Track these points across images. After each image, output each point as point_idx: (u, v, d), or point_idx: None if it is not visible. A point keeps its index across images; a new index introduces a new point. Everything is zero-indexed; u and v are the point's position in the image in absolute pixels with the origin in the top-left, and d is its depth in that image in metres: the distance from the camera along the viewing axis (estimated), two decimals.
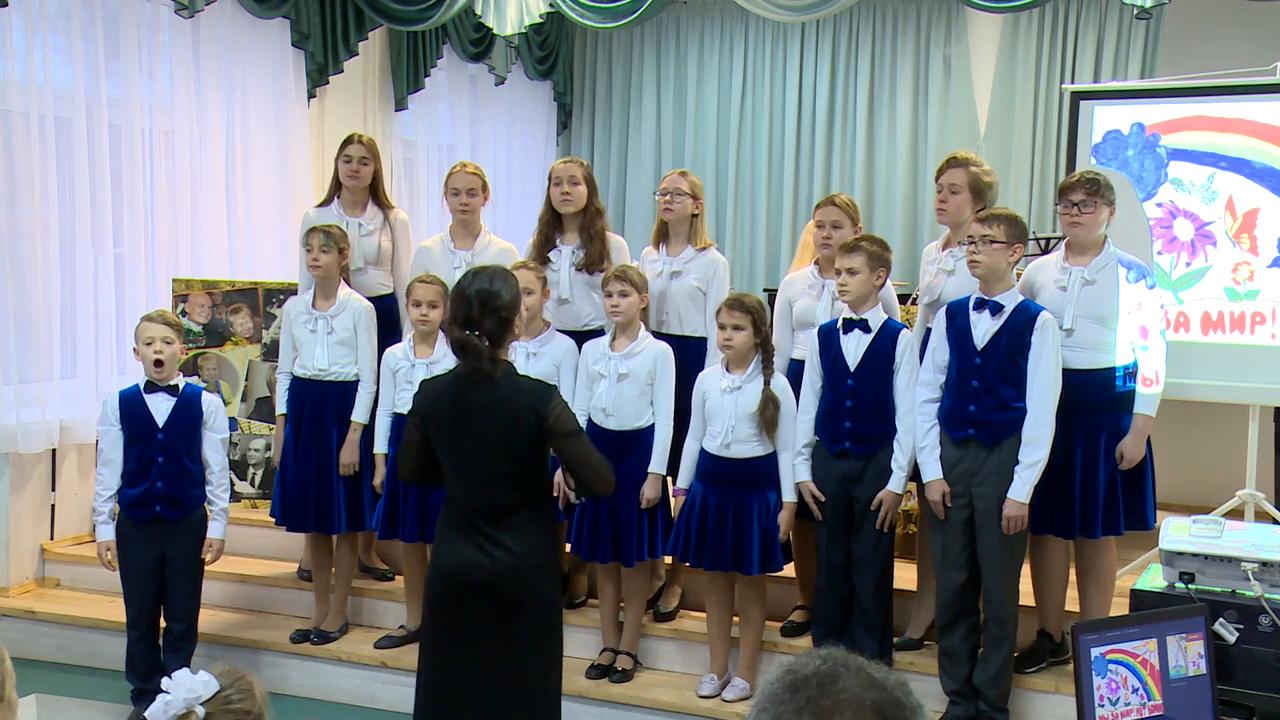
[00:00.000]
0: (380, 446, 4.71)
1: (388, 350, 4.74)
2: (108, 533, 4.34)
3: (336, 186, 5.07)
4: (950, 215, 4.32)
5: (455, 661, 3.40)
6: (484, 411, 3.35)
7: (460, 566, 3.38)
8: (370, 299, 4.92)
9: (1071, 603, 4.35)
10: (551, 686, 3.49)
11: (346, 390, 4.77)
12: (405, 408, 4.52)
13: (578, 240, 4.75)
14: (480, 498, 3.37)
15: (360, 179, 5.02)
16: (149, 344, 4.26)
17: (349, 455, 4.74)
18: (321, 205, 5.12)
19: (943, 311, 4.16)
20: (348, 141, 5.06)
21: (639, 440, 4.36)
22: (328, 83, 6.63)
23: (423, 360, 4.58)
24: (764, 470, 4.26)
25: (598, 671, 4.56)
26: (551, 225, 4.80)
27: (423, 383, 3.61)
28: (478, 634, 3.37)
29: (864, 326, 4.19)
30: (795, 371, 4.40)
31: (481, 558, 3.35)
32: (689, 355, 4.55)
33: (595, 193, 4.81)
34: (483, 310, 3.32)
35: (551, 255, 4.77)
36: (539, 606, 3.42)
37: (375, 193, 5.10)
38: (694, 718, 4.37)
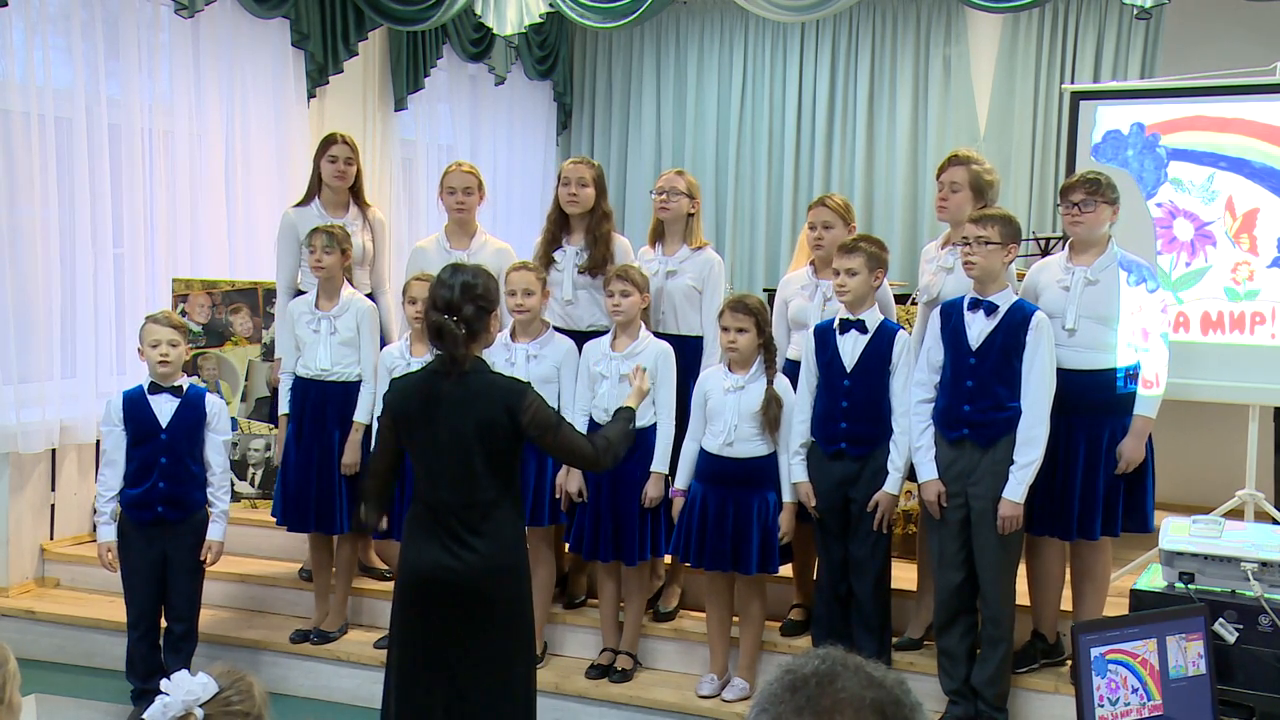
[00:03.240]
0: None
1: (384, 350, 4.74)
2: (109, 534, 4.34)
3: (317, 186, 5.05)
4: (951, 213, 4.32)
5: (424, 662, 3.39)
6: (456, 407, 3.35)
7: (427, 567, 3.38)
8: None
9: (1065, 602, 4.35)
10: (522, 686, 3.48)
11: (348, 390, 4.77)
12: None
13: (582, 242, 4.74)
14: (449, 495, 3.37)
15: (346, 179, 5.01)
16: (155, 346, 4.26)
17: (351, 455, 4.74)
18: (300, 205, 5.09)
19: (937, 311, 4.16)
20: (330, 141, 5.03)
21: (640, 439, 4.36)
22: (328, 83, 6.63)
23: (418, 359, 4.58)
24: (764, 470, 4.26)
25: (598, 671, 4.56)
26: (559, 225, 4.79)
27: (393, 380, 3.63)
28: (446, 635, 3.36)
29: (860, 327, 4.19)
30: (790, 372, 4.39)
31: (449, 558, 3.35)
32: (685, 354, 4.55)
33: (604, 195, 4.79)
34: (463, 296, 3.35)
35: (556, 255, 4.76)
36: (508, 607, 3.41)
37: (355, 192, 5.09)
38: (694, 718, 4.37)
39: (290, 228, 5.03)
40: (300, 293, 4.97)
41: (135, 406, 4.31)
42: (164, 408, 4.30)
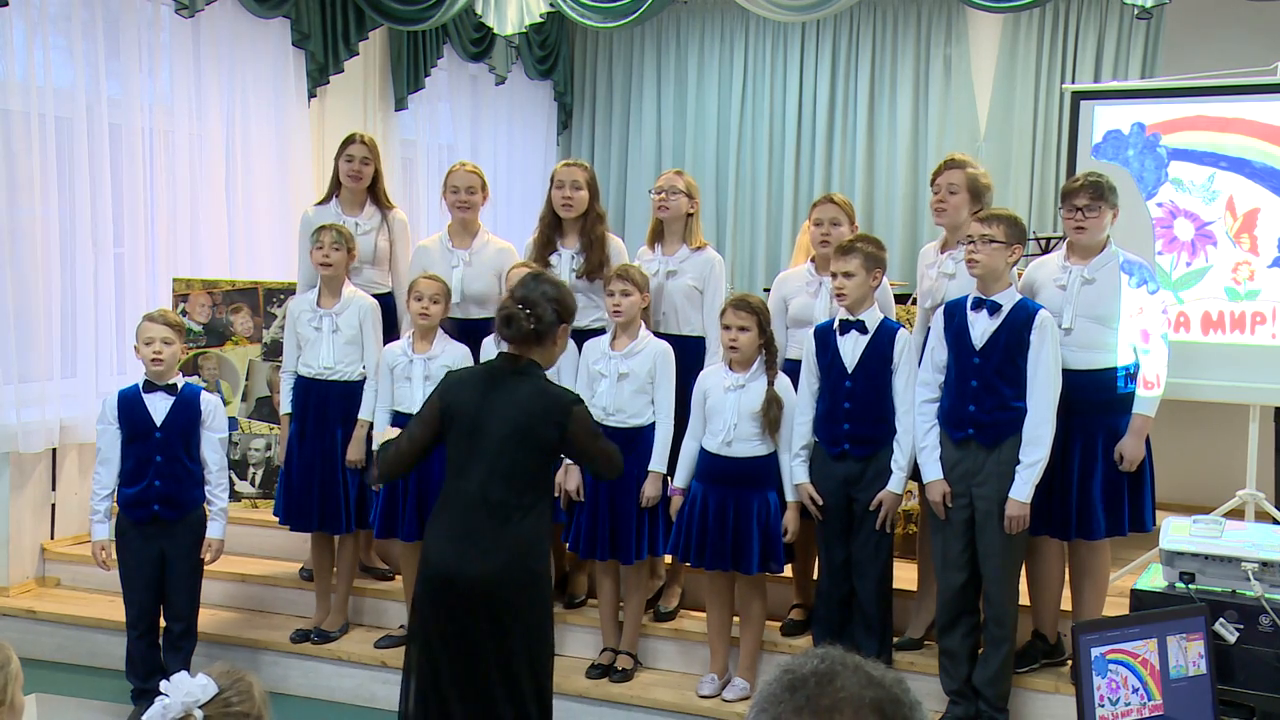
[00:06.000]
0: (378, 444, 4.69)
1: (386, 347, 4.73)
2: (103, 532, 4.34)
3: (336, 185, 5.06)
4: (949, 216, 4.32)
5: (445, 662, 3.39)
6: (504, 406, 3.38)
7: (449, 567, 3.38)
8: None
9: (1065, 602, 4.34)
10: (541, 688, 3.48)
11: (351, 389, 4.76)
12: (403, 404, 4.54)
13: (577, 245, 4.74)
14: (479, 491, 3.38)
15: (362, 179, 5.01)
16: (148, 344, 4.26)
17: (355, 453, 4.73)
18: (320, 204, 5.11)
19: (941, 311, 4.15)
20: (349, 141, 5.05)
21: (639, 439, 4.36)
22: (328, 82, 6.63)
23: (420, 355, 4.59)
24: (765, 469, 4.26)
25: (598, 671, 4.56)
26: (552, 226, 4.80)
27: (449, 372, 3.67)
28: (465, 635, 3.37)
29: (860, 327, 4.18)
30: (789, 372, 4.38)
31: (471, 560, 3.35)
32: (686, 355, 4.54)
33: (597, 197, 4.80)
34: (544, 297, 3.43)
35: (552, 259, 4.76)
36: (526, 613, 3.41)
37: (375, 192, 5.09)
38: (694, 718, 4.37)
39: (309, 226, 5.03)
40: None
41: (130, 405, 4.31)
42: (159, 406, 4.30)
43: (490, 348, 4.33)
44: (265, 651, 4.86)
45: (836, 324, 4.23)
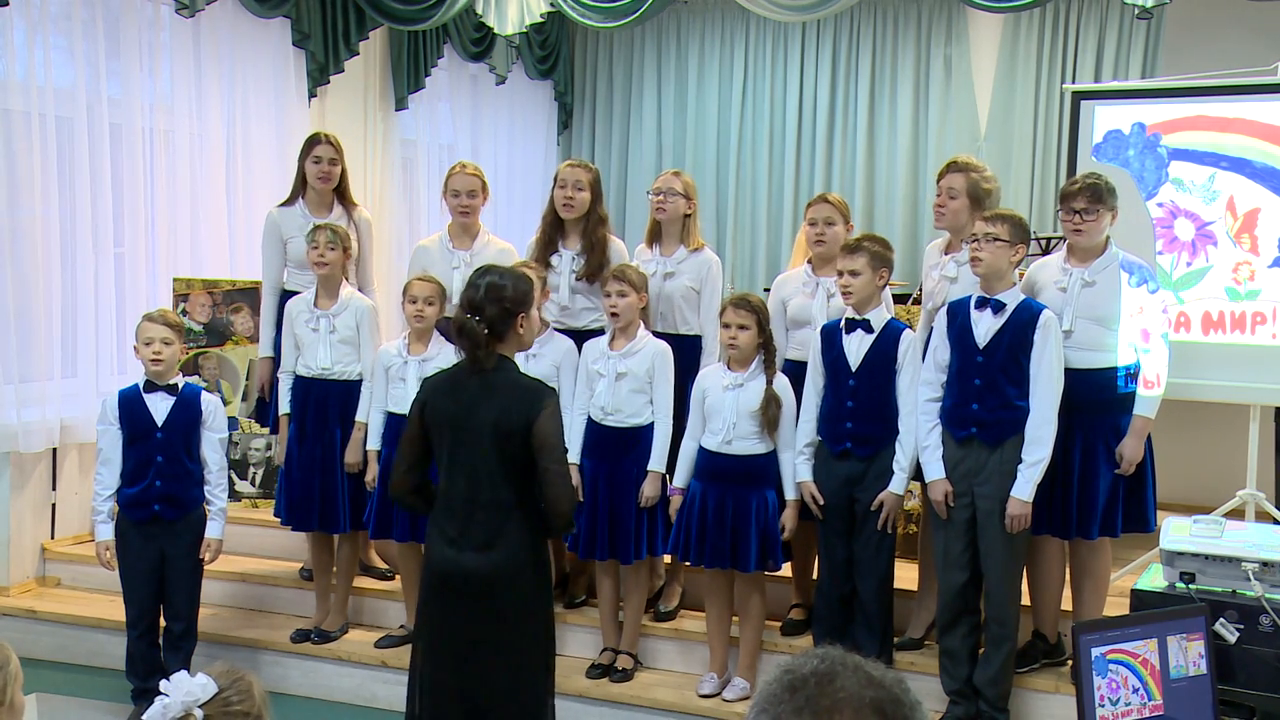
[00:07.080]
0: (373, 444, 4.70)
1: (381, 348, 4.74)
2: (106, 532, 4.34)
3: (301, 186, 5.05)
4: (948, 220, 4.32)
5: (448, 660, 3.40)
6: (476, 404, 3.38)
7: (444, 564, 3.41)
8: None
9: (1066, 602, 4.34)
10: (541, 684, 3.49)
11: (349, 389, 4.76)
12: (398, 405, 4.53)
13: (579, 246, 4.74)
14: (466, 492, 3.39)
15: (330, 180, 5.00)
16: (148, 344, 4.26)
17: (353, 455, 4.73)
18: (285, 204, 5.09)
19: (944, 310, 4.16)
20: (315, 141, 5.03)
21: (638, 438, 4.36)
22: (328, 82, 6.63)
23: (415, 357, 4.59)
24: (763, 468, 4.26)
25: (598, 671, 4.56)
26: (554, 226, 4.79)
27: (425, 379, 3.66)
28: (461, 632, 3.38)
29: (866, 327, 4.19)
30: (788, 373, 4.38)
31: (464, 557, 3.37)
32: (684, 355, 4.55)
33: (599, 199, 4.79)
34: (487, 297, 3.39)
35: (553, 260, 4.76)
36: (527, 605, 3.43)
37: (341, 192, 5.08)
38: (694, 717, 4.37)
39: (274, 227, 5.04)
40: (287, 292, 4.97)
41: (130, 405, 4.31)
42: (159, 406, 4.30)
43: None
44: (265, 651, 4.86)
45: (843, 323, 4.23)
